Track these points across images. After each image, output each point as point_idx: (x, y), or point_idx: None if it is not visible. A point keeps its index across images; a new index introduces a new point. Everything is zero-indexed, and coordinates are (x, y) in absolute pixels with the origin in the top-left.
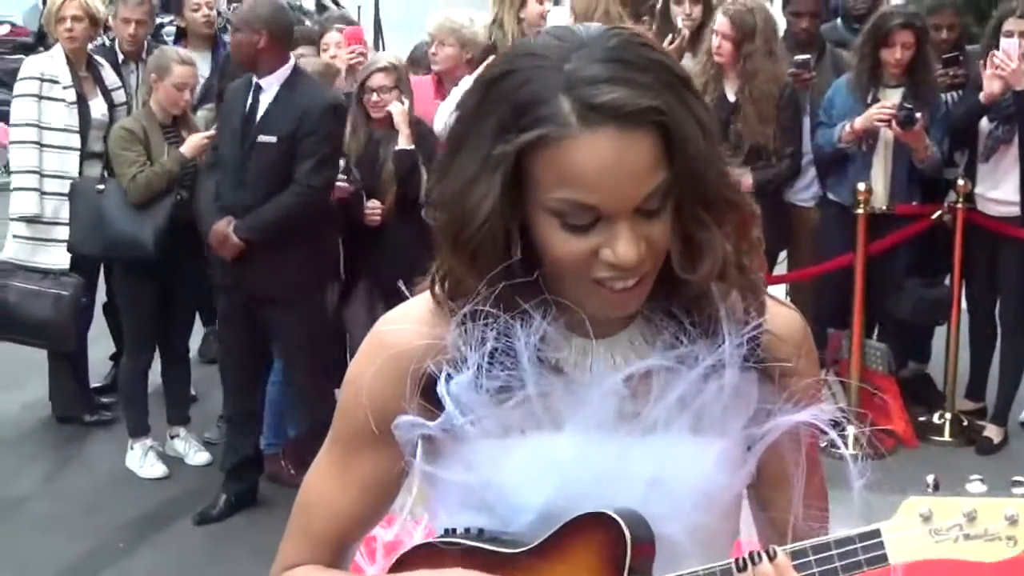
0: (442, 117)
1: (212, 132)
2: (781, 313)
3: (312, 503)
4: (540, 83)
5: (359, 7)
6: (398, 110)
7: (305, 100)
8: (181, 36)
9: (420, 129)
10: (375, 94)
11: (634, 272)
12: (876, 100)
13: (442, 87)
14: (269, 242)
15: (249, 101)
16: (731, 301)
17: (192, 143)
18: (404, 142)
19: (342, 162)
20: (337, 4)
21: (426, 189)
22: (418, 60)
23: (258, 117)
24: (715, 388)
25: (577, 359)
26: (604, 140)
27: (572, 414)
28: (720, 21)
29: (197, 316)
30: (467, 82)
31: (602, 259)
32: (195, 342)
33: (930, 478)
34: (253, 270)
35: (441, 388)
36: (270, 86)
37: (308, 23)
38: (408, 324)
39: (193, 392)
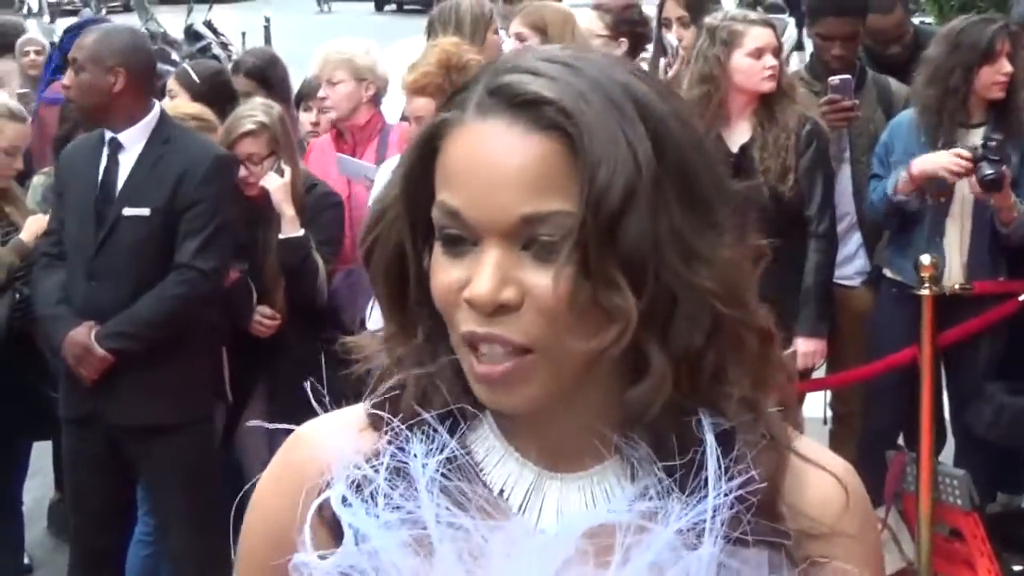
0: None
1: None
2: (810, 478)
3: None
4: (477, 76)
5: (243, 34)
6: (276, 185)
7: (182, 158)
8: None
9: (317, 197)
10: (241, 167)
11: (494, 324)
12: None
13: (342, 140)
14: (146, 353)
15: (104, 163)
16: (736, 439)
17: (34, 226)
18: (289, 228)
19: None
20: (215, 32)
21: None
22: (309, 95)
23: (119, 184)
24: (695, 561)
25: (529, 497)
26: (488, 130)
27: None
28: (753, 32)
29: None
30: None
31: (463, 298)
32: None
33: None
34: (120, 392)
35: (338, 510)
36: (132, 142)
37: (176, 56)
38: (331, 427)
39: (27, 560)
